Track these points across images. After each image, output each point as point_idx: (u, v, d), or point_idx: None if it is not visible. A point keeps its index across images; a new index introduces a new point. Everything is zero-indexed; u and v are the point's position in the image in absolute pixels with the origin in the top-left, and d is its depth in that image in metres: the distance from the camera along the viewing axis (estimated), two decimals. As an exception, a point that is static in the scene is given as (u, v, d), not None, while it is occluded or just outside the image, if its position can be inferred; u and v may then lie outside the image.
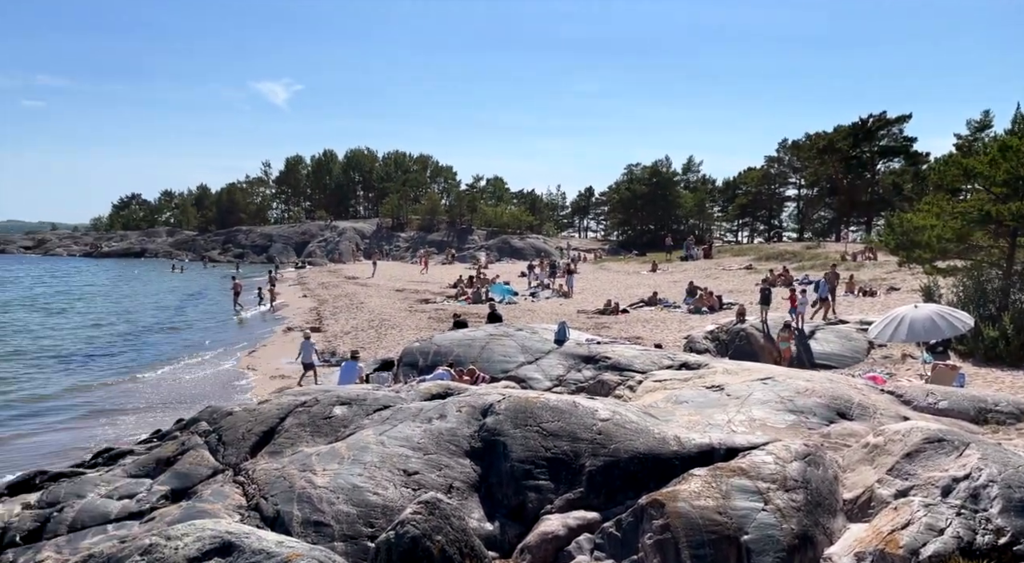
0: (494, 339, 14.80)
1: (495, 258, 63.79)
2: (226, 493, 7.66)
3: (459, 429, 8.60)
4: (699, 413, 9.51)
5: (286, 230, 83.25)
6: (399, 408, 9.47)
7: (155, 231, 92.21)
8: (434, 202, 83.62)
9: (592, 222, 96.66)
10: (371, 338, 23.11)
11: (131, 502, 7.87)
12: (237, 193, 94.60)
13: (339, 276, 51.31)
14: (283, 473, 7.81)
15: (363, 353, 19.49)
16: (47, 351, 23.79)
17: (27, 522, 7.63)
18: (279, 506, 7.21)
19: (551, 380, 13.11)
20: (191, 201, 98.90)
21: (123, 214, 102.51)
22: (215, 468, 8.66)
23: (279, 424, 9.43)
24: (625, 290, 32.44)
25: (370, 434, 8.65)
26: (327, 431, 9.28)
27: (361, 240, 77.85)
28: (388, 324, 25.60)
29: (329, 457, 8.09)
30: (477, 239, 74.74)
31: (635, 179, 70.48)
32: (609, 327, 22.55)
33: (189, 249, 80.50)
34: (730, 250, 50.84)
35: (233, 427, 9.53)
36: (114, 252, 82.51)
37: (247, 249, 78.68)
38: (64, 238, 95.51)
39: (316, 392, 10.52)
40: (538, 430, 8.34)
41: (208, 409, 10.98)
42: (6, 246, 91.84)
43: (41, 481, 9.05)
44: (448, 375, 12.88)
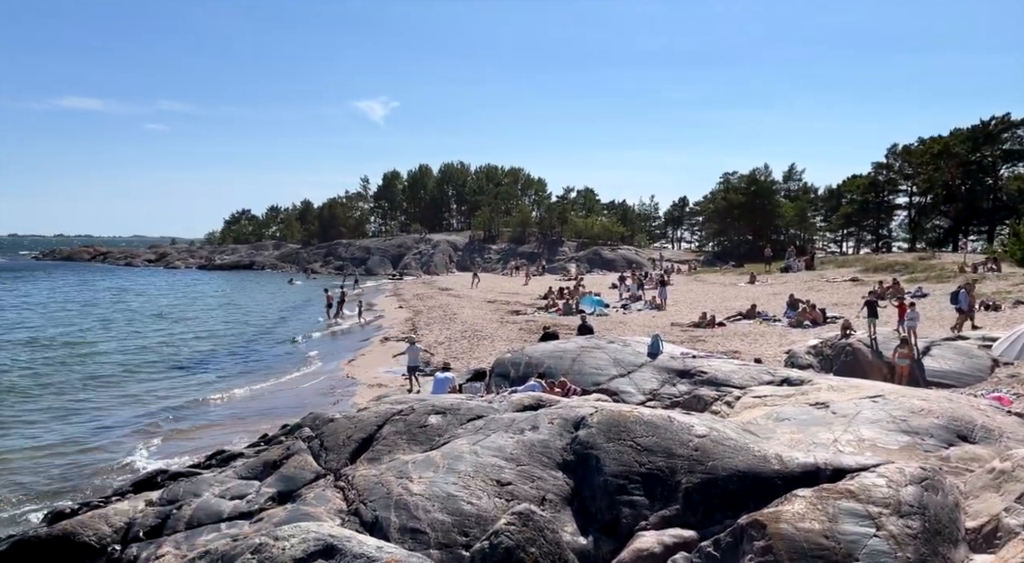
0: (585, 351, 14.70)
1: (585, 270, 63.47)
2: (328, 497, 7.95)
3: (551, 441, 8.59)
4: (802, 431, 9.09)
5: (383, 243, 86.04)
6: (492, 418, 9.56)
7: (262, 245, 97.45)
8: (525, 214, 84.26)
9: (686, 232, 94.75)
10: (464, 348, 23.46)
11: (241, 502, 8.30)
12: (337, 208, 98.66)
13: (433, 287, 52.48)
14: (381, 480, 8.03)
15: (456, 363, 19.85)
16: (170, 359, 25.52)
17: (149, 518, 8.18)
18: (377, 512, 7.41)
19: (644, 394, 12.88)
20: (295, 216, 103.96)
21: (234, 229, 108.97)
22: (317, 472, 9.00)
23: (377, 431, 9.71)
24: (721, 302, 31.53)
25: (464, 443, 8.77)
26: (422, 439, 9.47)
27: (454, 252, 79.40)
28: (480, 335, 25.93)
29: (425, 465, 8.25)
30: (567, 251, 74.68)
31: (732, 188, 68.56)
32: (705, 340, 21.96)
33: (293, 262, 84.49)
34: (834, 261, 48.51)
35: (334, 433, 9.89)
36: (225, 265, 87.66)
37: (347, 261, 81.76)
38: (182, 252, 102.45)
39: (412, 401, 10.77)
40: (632, 444, 8.21)
41: (311, 415, 11.47)
42: (132, 259, 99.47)
43: (162, 480, 9.70)
44: (539, 387, 12.89)
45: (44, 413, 17.31)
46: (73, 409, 17.86)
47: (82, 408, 18.00)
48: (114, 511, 8.34)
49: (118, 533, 8.04)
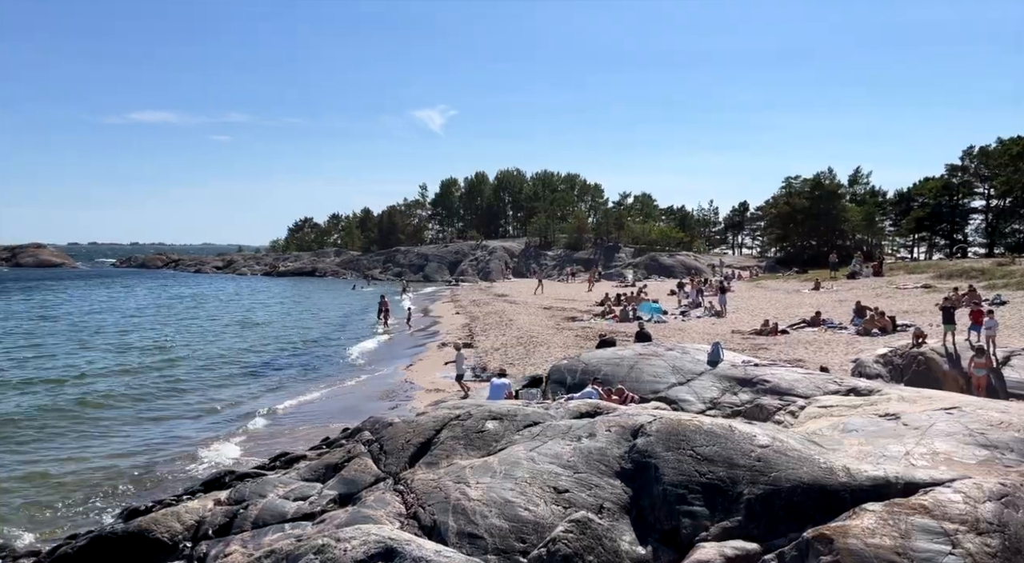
0: (643, 359, 14.53)
1: (643, 276, 62.79)
2: (387, 500, 8.07)
3: (609, 449, 8.51)
4: (871, 443, 8.76)
5: (440, 250, 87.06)
6: (548, 425, 9.54)
7: (324, 252, 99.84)
8: (581, 220, 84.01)
9: (747, 238, 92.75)
10: (520, 355, 23.49)
11: (304, 504, 8.51)
12: (396, 215, 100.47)
13: (489, 294, 52.76)
14: (439, 484, 8.11)
15: (511, 369, 19.89)
16: (237, 363, 26.38)
17: (218, 517, 8.46)
18: (436, 516, 7.49)
19: (704, 403, 12.64)
20: (355, 223, 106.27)
21: (297, 236, 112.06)
22: (377, 476, 9.15)
23: (435, 436, 9.80)
24: (784, 310, 30.71)
25: (521, 450, 8.77)
26: (480, 445, 9.52)
27: (510, 259, 79.72)
28: (536, 341, 25.92)
29: (482, 471, 8.29)
30: (624, 257, 74.05)
31: (795, 192, 66.81)
32: (767, 348, 21.42)
33: (354, 268, 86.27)
34: (904, 267, 46.66)
35: (393, 438, 10.03)
36: (289, 271, 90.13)
37: (405, 268, 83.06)
38: (248, 259, 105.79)
39: (469, 406, 10.84)
40: (692, 454, 8.07)
41: (370, 419, 11.67)
42: (201, 266, 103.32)
43: (230, 480, 10.03)
44: (596, 394, 12.79)
45: (122, 414, 18.12)
46: (148, 411, 18.64)
47: (156, 410, 18.77)
48: (185, 509, 8.66)
49: (189, 531, 8.35)
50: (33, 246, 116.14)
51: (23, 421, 17.07)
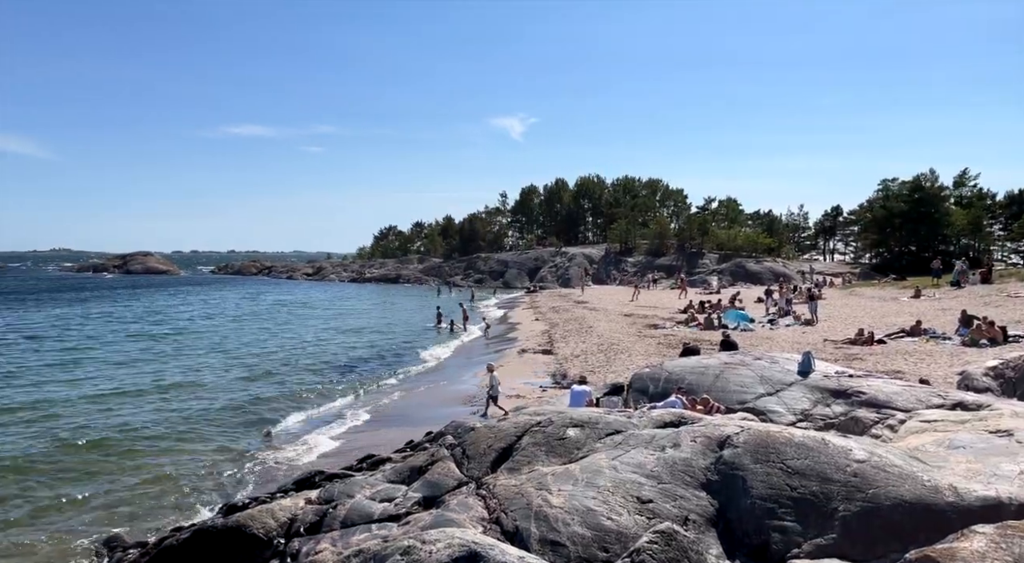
0: (729, 368, 14.12)
1: (728, 283, 61.15)
2: (470, 505, 8.15)
3: (694, 460, 8.31)
4: (980, 461, 8.19)
5: (520, 256, 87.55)
6: (631, 434, 9.40)
7: (408, 259, 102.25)
8: (663, 226, 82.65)
9: (839, 243, 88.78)
10: (600, 362, 23.30)
11: (390, 505, 8.70)
12: (477, 222, 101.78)
13: (569, 300, 52.61)
14: (521, 490, 8.13)
15: (592, 377, 19.74)
16: (327, 367, 27.34)
17: (309, 515, 8.77)
18: (518, 522, 7.51)
19: (795, 414, 12.16)
20: (438, 231, 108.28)
21: (382, 244, 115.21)
22: (460, 480, 9.25)
23: (516, 442, 9.83)
24: (881, 318, 29.21)
25: (603, 458, 8.69)
26: (561, 452, 9.48)
27: (590, 265, 79.24)
28: (617, 348, 25.64)
29: (564, 478, 8.26)
30: (708, 263, 72.30)
31: (892, 195, 63.48)
32: (862, 359, 20.42)
33: (436, 275, 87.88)
34: (1017, 274, 43.49)
35: (475, 442, 10.13)
36: (374, 277, 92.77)
37: (485, 274, 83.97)
38: (336, 266, 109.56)
39: (550, 413, 10.82)
40: (782, 467, 7.77)
41: (453, 424, 11.83)
42: (292, 273, 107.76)
43: (319, 480, 10.38)
44: (680, 403, 12.53)
45: (220, 414, 19.08)
46: (244, 409, 19.55)
47: (251, 408, 19.66)
48: (279, 507, 9.02)
49: (282, 527, 8.69)
50: (141, 254, 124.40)
51: (138, 416, 18.25)
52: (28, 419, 17.81)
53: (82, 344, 32.13)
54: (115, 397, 20.75)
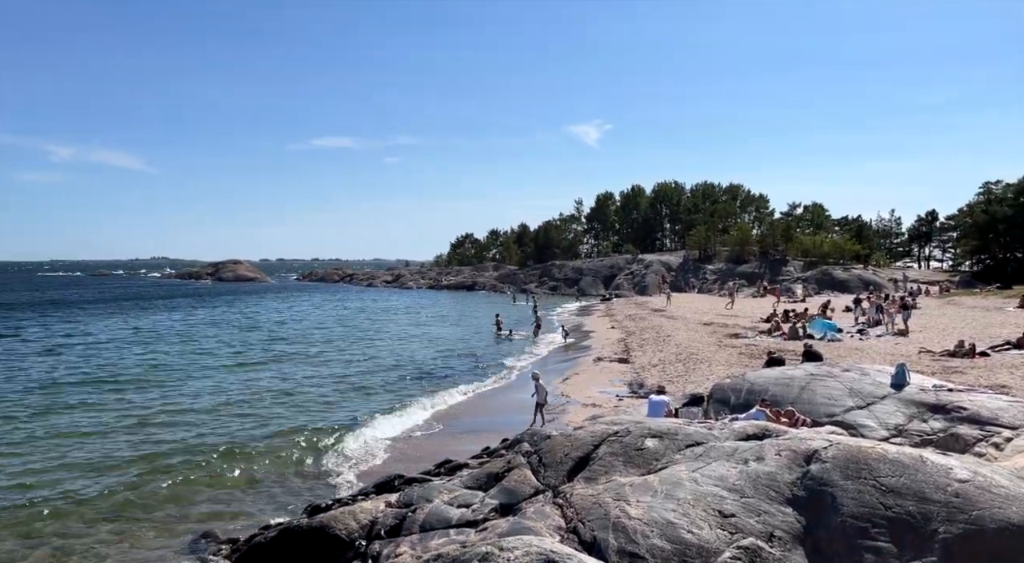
0: (816, 379, 13.59)
1: (813, 291, 58.90)
2: (547, 513, 8.13)
3: (779, 474, 8.02)
4: (1100, 485, 7.56)
5: (595, 264, 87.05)
6: (712, 446, 9.16)
7: (483, 266, 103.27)
8: (744, 232, 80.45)
9: (935, 250, 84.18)
10: (678, 372, 22.85)
11: (467, 511, 8.78)
12: (552, 230, 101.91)
13: (645, 308, 51.90)
14: (598, 500, 8.04)
15: (670, 387, 19.37)
16: (407, 372, 27.90)
17: (389, 518, 8.96)
18: (596, 532, 7.43)
19: (887, 429, 11.57)
20: (513, 238, 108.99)
21: (458, 252, 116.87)
22: (536, 488, 9.25)
23: (593, 451, 9.75)
24: (983, 329, 27.48)
25: (682, 470, 8.50)
26: (639, 462, 9.34)
27: (668, 273, 77.95)
28: (696, 358, 25.08)
29: (642, 489, 8.12)
30: (792, 270, 69.91)
31: (996, 199, 59.70)
32: (963, 372, 19.23)
33: (511, 282, 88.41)
34: None
35: (552, 450, 10.10)
36: (451, 285, 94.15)
37: (560, 282, 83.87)
38: (414, 273, 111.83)
39: (628, 423, 10.68)
40: (874, 484, 7.40)
41: (529, 431, 11.85)
42: (373, 280, 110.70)
43: (399, 483, 10.59)
44: (763, 415, 12.13)
45: (306, 417, 19.75)
46: (327, 412, 20.17)
47: (333, 411, 20.26)
48: (360, 509, 9.25)
49: (363, 529, 8.91)
50: (231, 262, 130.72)
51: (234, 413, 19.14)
52: (142, 420, 18.97)
53: (181, 350, 33.99)
54: (212, 396, 21.85)
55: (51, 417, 19.09)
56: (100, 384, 23.91)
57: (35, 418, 18.93)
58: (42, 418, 18.94)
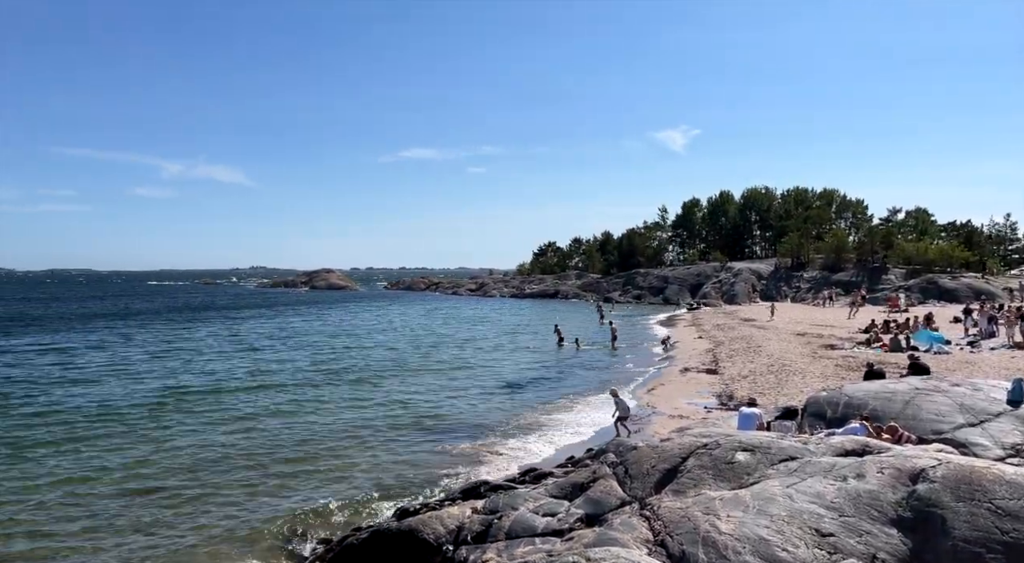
0: (921, 394, 12.81)
1: (917, 300, 55.64)
2: (634, 525, 8.01)
3: (881, 493, 7.61)
4: None
5: (681, 272, 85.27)
6: (808, 461, 8.79)
7: (566, 275, 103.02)
8: (840, 239, 76.91)
9: (1058, 256, 77.88)
10: (770, 384, 22.05)
11: (553, 520, 8.76)
12: (636, 238, 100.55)
13: (734, 318, 50.41)
14: (687, 514, 7.86)
15: (762, 399, 18.73)
16: (490, 378, 28.18)
17: (475, 524, 9.05)
18: (684, 547, 7.26)
19: (1004, 449, 10.77)
20: (596, 246, 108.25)
21: (541, 260, 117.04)
22: (623, 499, 9.13)
23: (681, 464, 9.54)
24: (1115, 342, 25.17)
25: (776, 485, 8.20)
26: (729, 476, 9.07)
27: (757, 281, 75.49)
28: (789, 370, 24.14)
29: (733, 503, 7.88)
30: (893, 278, 66.27)
31: None
32: (1089, 388, 17.65)
33: (594, 290, 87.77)
34: None
35: (638, 462, 9.95)
36: (533, 293, 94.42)
37: (644, 290, 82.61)
38: (497, 282, 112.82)
39: (718, 435, 10.39)
40: (989, 507, 6.91)
41: (615, 441, 11.71)
42: (457, 289, 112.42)
43: (484, 490, 10.68)
44: (863, 430, 11.54)
45: (397, 420, 20.25)
46: (417, 418, 20.59)
47: (421, 417, 20.67)
48: (447, 514, 9.40)
49: (451, 534, 9.04)
50: (324, 271, 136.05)
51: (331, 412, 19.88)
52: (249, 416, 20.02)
53: (281, 355, 35.58)
54: (312, 402, 22.76)
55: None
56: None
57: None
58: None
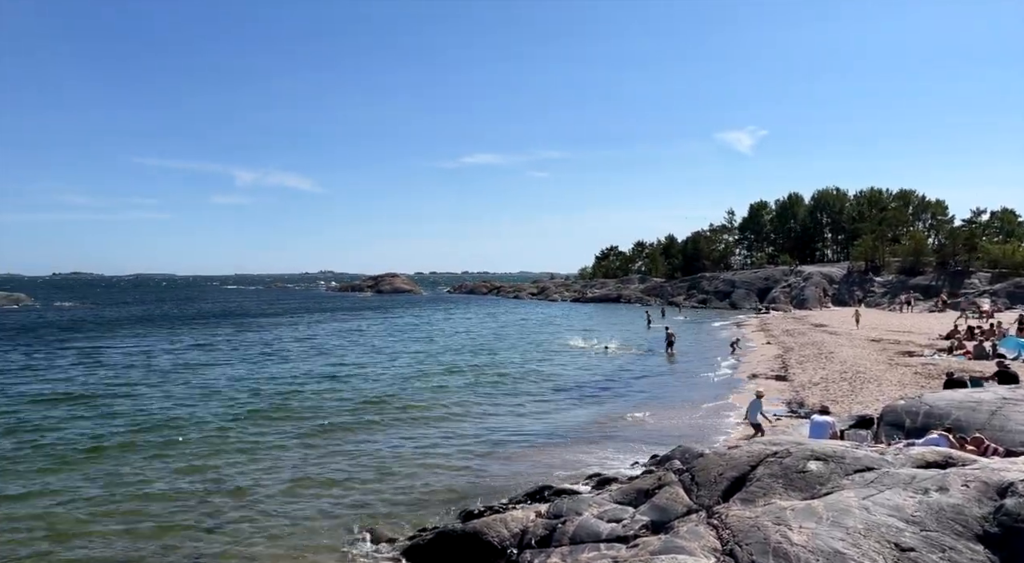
0: (1010, 403, 12.17)
1: (1004, 305, 52.75)
2: (701, 534, 7.86)
3: (966, 507, 7.25)
4: None
5: (748, 275, 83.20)
6: (885, 472, 8.45)
7: (629, 279, 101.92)
8: (919, 241, 73.62)
9: None
10: (843, 391, 21.29)
11: (618, 526, 8.69)
12: (701, 241, 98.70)
13: (805, 323, 48.89)
14: (757, 523, 7.67)
15: (835, 407, 18.11)
16: (553, 383, 28.15)
17: (539, 528, 9.06)
18: (754, 557, 7.09)
19: (1102, 463, 10.09)
20: (659, 250, 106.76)
21: (603, 264, 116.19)
22: (689, 507, 8.98)
23: (750, 472, 9.32)
24: None
25: (851, 496, 7.91)
26: (801, 486, 8.81)
27: (829, 285, 73.01)
28: (863, 377, 23.25)
29: (805, 514, 7.65)
30: (977, 283, 63.04)
31: None
32: None
33: (657, 295, 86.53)
34: None
35: (705, 469, 9.78)
36: (595, 298, 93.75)
37: (710, 295, 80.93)
38: (559, 286, 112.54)
39: (788, 443, 10.11)
40: (1087, 526, 6.49)
41: (680, 448, 11.54)
42: (519, 293, 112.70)
43: (548, 494, 10.68)
44: (945, 441, 11.02)
45: (460, 424, 20.45)
46: (482, 421, 20.75)
47: (486, 420, 20.81)
48: (511, 517, 9.44)
49: (515, 538, 9.07)
50: (389, 276, 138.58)
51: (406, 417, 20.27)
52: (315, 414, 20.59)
53: (355, 358, 36.46)
54: (374, 406, 23.21)
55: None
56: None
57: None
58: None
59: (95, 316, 70.07)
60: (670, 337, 37.69)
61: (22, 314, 73.40)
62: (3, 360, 33.55)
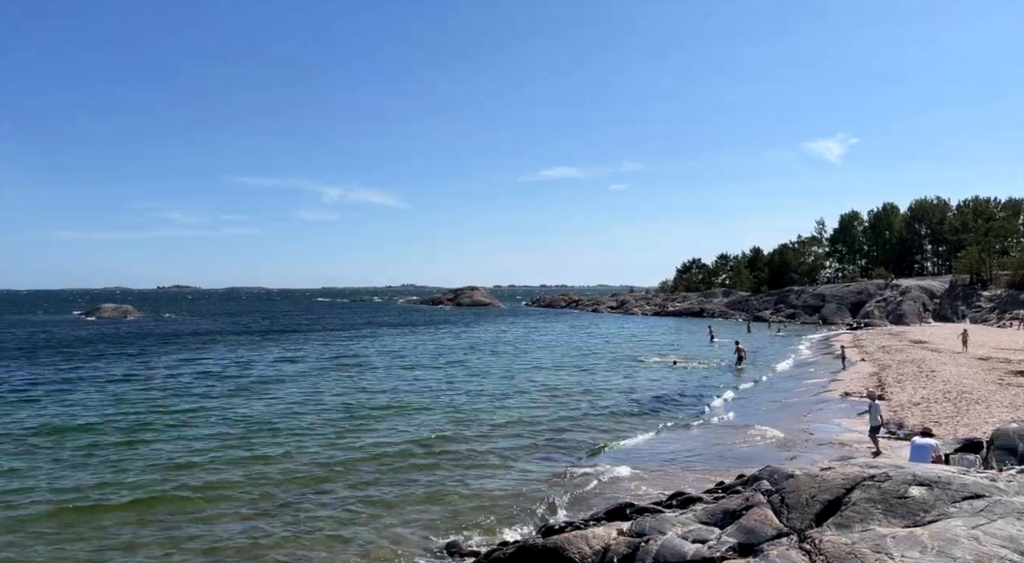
0: None
1: None
2: (792, 558, 7.52)
3: (1091, 542, 6.66)
4: None
5: (840, 289, 79.82)
6: (997, 500, 7.89)
7: (712, 292, 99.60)
8: (1030, 253, 68.74)
9: None
10: (947, 412, 20.02)
11: (703, 547, 8.41)
12: (789, 253, 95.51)
13: (903, 339, 46.38)
14: (854, 550, 7.28)
15: (937, 429, 17.06)
16: (634, 398, 27.71)
17: (622, 547, 8.87)
18: (851, 586, 6.73)
19: None
20: (744, 263, 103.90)
21: (685, 277, 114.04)
22: (779, 530, 8.61)
23: (845, 495, 8.87)
24: None
25: (959, 525, 7.42)
26: (902, 513, 8.31)
27: (929, 300, 69.06)
28: (970, 398, 21.81)
29: (908, 543, 7.21)
30: (1099, 297, 58.19)
31: None
32: None
33: (742, 309, 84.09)
34: None
35: (796, 491, 9.36)
36: (677, 311, 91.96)
37: (798, 309, 78.01)
38: (639, 299, 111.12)
39: (886, 467, 9.57)
40: None
41: (768, 469, 11.08)
42: (597, 306, 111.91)
43: (630, 512, 10.47)
44: (1066, 469, 10.18)
45: (539, 438, 20.39)
46: (560, 436, 20.62)
47: (566, 435, 20.64)
48: (592, 534, 9.28)
49: (596, 556, 8.91)
50: (468, 289, 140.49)
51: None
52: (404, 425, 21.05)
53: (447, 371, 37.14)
54: (455, 423, 23.48)
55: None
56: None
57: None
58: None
59: (219, 328, 73.64)
60: (740, 352, 37.26)
61: (136, 325, 78.20)
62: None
